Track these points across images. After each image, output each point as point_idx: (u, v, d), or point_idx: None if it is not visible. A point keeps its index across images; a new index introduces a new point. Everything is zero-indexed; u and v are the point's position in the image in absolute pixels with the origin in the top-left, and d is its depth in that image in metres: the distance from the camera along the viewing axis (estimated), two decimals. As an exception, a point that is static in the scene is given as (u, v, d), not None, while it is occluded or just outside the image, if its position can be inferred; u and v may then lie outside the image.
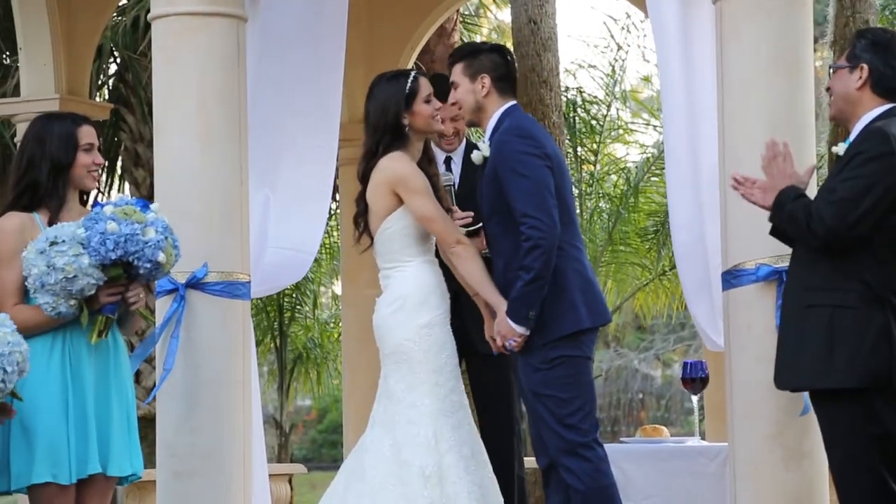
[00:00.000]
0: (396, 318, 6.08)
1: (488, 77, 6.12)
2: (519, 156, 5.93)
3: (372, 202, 6.14)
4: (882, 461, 5.24)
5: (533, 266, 5.86)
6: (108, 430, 5.78)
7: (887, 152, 5.23)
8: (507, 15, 14.71)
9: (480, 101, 6.14)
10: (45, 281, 5.62)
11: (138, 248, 5.66)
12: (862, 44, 5.46)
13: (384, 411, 6.07)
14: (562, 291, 5.94)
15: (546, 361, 5.93)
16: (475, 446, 6.09)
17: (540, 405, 5.95)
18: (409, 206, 6.06)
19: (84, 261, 5.61)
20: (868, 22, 11.78)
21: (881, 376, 5.20)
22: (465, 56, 6.21)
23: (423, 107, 6.16)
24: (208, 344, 6.71)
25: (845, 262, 5.26)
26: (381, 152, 6.11)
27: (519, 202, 5.90)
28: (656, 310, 18.36)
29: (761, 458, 6.19)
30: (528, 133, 6.01)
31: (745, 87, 6.30)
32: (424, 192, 6.06)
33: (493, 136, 6.09)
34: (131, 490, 9.40)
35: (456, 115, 7.04)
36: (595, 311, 6.00)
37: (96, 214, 5.69)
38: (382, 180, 6.09)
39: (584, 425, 5.93)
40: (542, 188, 5.91)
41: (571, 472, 5.91)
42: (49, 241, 5.63)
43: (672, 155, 7.06)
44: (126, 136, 14.74)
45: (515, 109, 6.15)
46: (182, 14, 6.82)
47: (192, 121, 6.76)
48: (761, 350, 6.14)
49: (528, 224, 5.87)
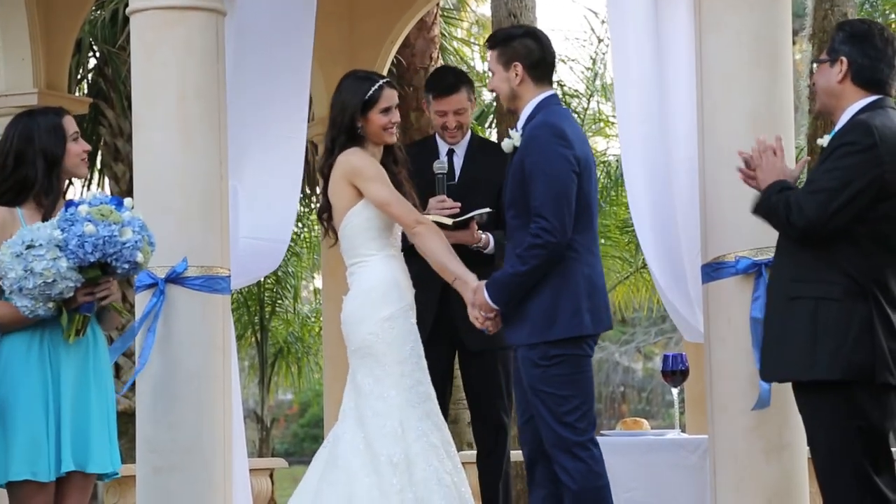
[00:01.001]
0: (360, 312, 6.13)
1: (521, 65, 6.02)
2: (548, 154, 5.87)
3: (333, 199, 6.20)
4: (865, 454, 5.23)
5: (529, 262, 5.84)
6: (87, 426, 5.76)
7: (870, 144, 5.23)
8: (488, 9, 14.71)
9: (515, 90, 6.05)
10: (23, 285, 5.56)
11: (117, 250, 5.63)
12: (840, 37, 5.45)
13: (355, 406, 6.11)
14: (568, 294, 5.90)
15: (546, 358, 5.91)
16: (444, 436, 6.13)
17: (538, 401, 5.94)
18: (366, 195, 6.10)
19: (62, 264, 5.56)
20: (847, 14, 11.78)
21: (864, 369, 5.20)
22: (498, 43, 6.10)
23: (377, 116, 6.18)
24: (188, 338, 6.69)
25: (830, 253, 5.26)
26: (337, 151, 6.17)
27: (537, 200, 5.86)
28: (637, 303, 18.41)
29: (741, 450, 6.20)
30: (562, 132, 5.91)
31: (726, 79, 6.31)
32: (379, 179, 6.11)
33: (525, 127, 6.01)
34: (111, 486, 9.39)
35: (460, 108, 7.10)
36: (597, 318, 5.97)
37: (72, 215, 5.62)
38: (339, 174, 6.15)
39: (581, 424, 5.91)
40: (563, 193, 5.86)
41: (565, 470, 5.90)
42: (25, 245, 5.57)
43: (630, 154, 7.06)
44: (105, 131, 14.70)
45: (552, 101, 6.04)
46: (161, 8, 6.80)
47: (172, 115, 6.75)
48: (741, 342, 6.16)
49: (540, 224, 5.84)
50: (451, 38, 16.85)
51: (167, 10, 6.80)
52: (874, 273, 5.25)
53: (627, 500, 6.98)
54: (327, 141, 6.24)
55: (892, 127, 5.29)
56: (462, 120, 7.23)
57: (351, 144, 6.17)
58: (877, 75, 5.41)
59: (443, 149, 7.27)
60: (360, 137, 6.19)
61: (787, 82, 6.37)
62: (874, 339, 5.21)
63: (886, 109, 5.37)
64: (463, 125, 7.25)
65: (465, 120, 7.25)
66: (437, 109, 7.22)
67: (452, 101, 7.21)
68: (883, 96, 5.41)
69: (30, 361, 5.72)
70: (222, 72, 6.89)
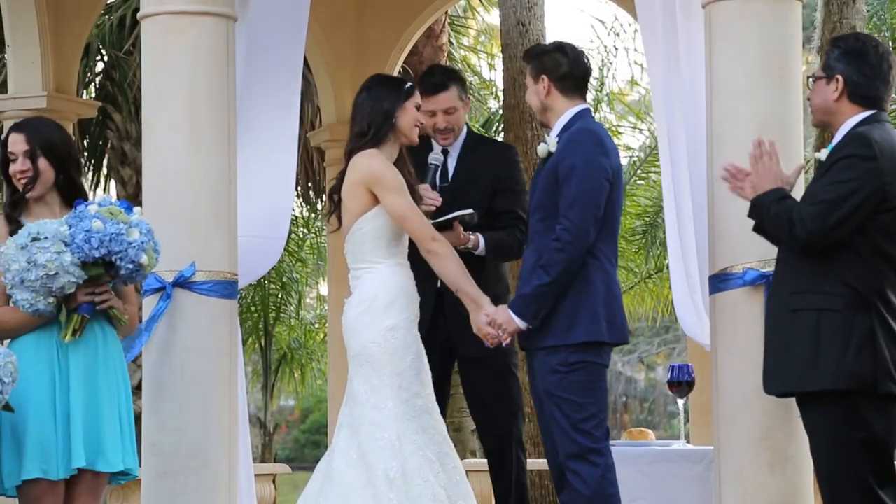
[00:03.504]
0: (363, 319, 6.08)
1: (547, 78, 6.13)
2: (586, 159, 5.95)
3: (346, 200, 6.15)
4: (868, 466, 5.24)
5: (553, 270, 5.89)
6: (98, 425, 5.77)
7: (870, 156, 5.25)
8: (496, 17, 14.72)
9: (545, 102, 6.16)
10: (25, 277, 5.59)
11: (122, 248, 5.65)
12: (835, 54, 5.46)
13: (350, 414, 6.08)
14: (586, 299, 5.94)
15: (565, 364, 5.94)
16: (441, 450, 6.08)
17: (554, 407, 5.96)
18: (383, 204, 6.07)
19: (66, 258, 5.59)
20: (855, 27, 11.81)
21: (866, 379, 5.21)
22: (531, 58, 6.24)
23: (412, 110, 6.20)
24: (195, 343, 6.69)
25: (831, 264, 5.27)
26: (372, 137, 6.11)
27: (566, 203, 5.93)
28: (641, 313, 18.41)
29: (747, 462, 6.20)
30: (601, 140, 6.03)
31: (735, 90, 6.31)
32: (400, 190, 6.07)
33: (561, 135, 6.08)
34: (115, 489, 9.38)
35: (449, 107, 6.99)
36: (615, 328, 6.01)
37: (80, 212, 5.67)
38: (357, 179, 6.10)
39: (597, 432, 5.95)
40: (593, 199, 5.93)
41: (579, 476, 5.92)
42: (31, 237, 5.61)
43: (665, 157, 7.09)
44: (113, 135, 14.72)
45: (588, 114, 6.16)
46: (171, 13, 6.80)
47: (181, 120, 6.75)
48: (748, 354, 6.15)
49: (564, 226, 5.91)
50: (459, 45, 16.86)
51: (178, 14, 6.79)
52: (875, 284, 5.27)
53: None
54: (362, 125, 6.14)
55: (889, 140, 5.32)
56: (452, 120, 7.01)
57: (381, 136, 6.13)
58: (872, 92, 5.43)
59: (437, 150, 7.05)
60: (391, 130, 6.15)
61: (795, 94, 6.38)
62: (876, 349, 5.22)
63: (883, 123, 5.41)
64: (454, 126, 7.03)
65: (455, 120, 7.02)
66: (426, 109, 6.82)
67: (441, 99, 6.98)
68: (878, 111, 5.42)
69: (38, 361, 5.73)
70: (232, 76, 6.89)
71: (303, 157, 14.90)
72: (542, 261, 5.93)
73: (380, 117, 6.14)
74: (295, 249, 19.08)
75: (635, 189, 16.65)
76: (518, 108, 11.98)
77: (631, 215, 16.45)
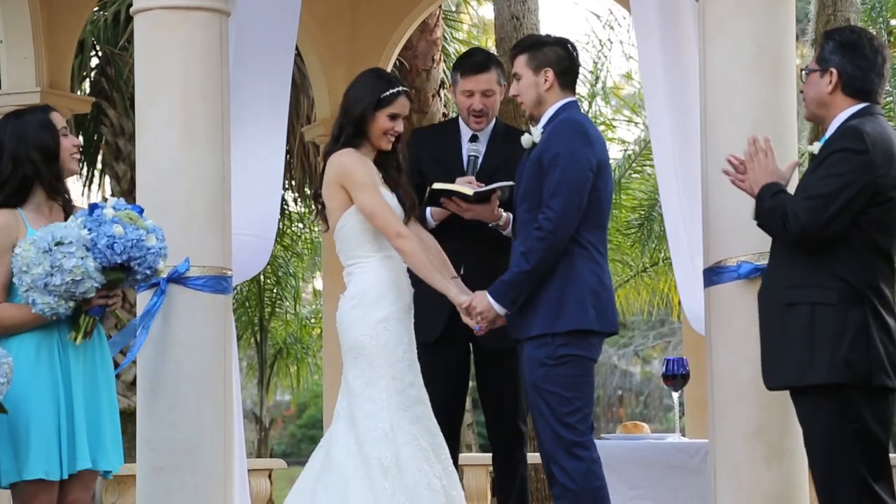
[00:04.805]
0: (355, 313, 6.14)
1: (552, 71, 6.09)
2: (569, 149, 5.94)
3: (327, 200, 6.22)
4: (863, 460, 5.24)
5: (533, 258, 5.89)
6: (99, 425, 5.78)
7: (862, 150, 5.24)
8: (489, 11, 14.72)
9: (542, 95, 6.13)
10: (50, 282, 5.58)
11: (142, 254, 5.70)
12: (830, 46, 5.45)
13: (347, 406, 6.12)
14: (575, 288, 5.94)
15: (553, 357, 5.94)
16: (435, 440, 6.12)
17: (540, 400, 5.96)
18: (354, 200, 6.11)
19: (90, 264, 5.62)
20: (849, 20, 11.79)
21: (860, 372, 5.21)
22: (529, 48, 6.15)
23: (383, 119, 6.19)
24: (189, 338, 6.69)
25: (824, 258, 5.28)
26: (343, 140, 6.15)
27: (548, 192, 5.93)
28: (637, 306, 18.40)
29: (742, 456, 6.20)
30: (585, 131, 6.01)
31: (729, 84, 6.31)
32: (367, 186, 6.10)
33: (547, 126, 6.06)
34: (110, 485, 9.39)
35: (487, 89, 6.88)
36: (604, 317, 6.00)
37: (98, 216, 5.67)
38: (332, 177, 6.17)
39: (582, 426, 5.94)
40: (576, 189, 5.92)
41: (564, 470, 5.92)
42: (55, 241, 5.60)
43: (660, 150, 7.08)
44: (107, 131, 14.71)
45: (574, 105, 6.14)
46: (165, 8, 6.79)
47: (175, 115, 6.74)
48: (743, 347, 6.16)
49: (546, 215, 5.91)
50: (454, 40, 16.85)
51: (171, 9, 6.78)
52: (869, 277, 5.27)
53: (633, 497, 6.99)
54: (335, 128, 6.24)
55: (882, 133, 5.32)
56: (489, 103, 6.88)
57: (355, 139, 6.17)
58: (867, 85, 5.42)
59: (465, 134, 6.98)
60: (362, 134, 6.18)
61: (790, 88, 6.37)
62: (870, 342, 5.23)
63: (876, 116, 5.40)
64: (489, 110, 6.91)
65: (491, 104, 6.90)
66: (464, 89, 6.83)
67: (481, 80, 6.86)
68: (871, 104, 5.42)
69: (39, 362, 5.73)
70: (226, 72, 6.88)
71: (298, 152, 14.91)
72: (523, 248, 5.93)
73: (350, 124, 6.18)
74: (290, 244, 19.08)
75: (630, 182, 16.64)
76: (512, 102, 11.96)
77: (626, 209, 16.43)
